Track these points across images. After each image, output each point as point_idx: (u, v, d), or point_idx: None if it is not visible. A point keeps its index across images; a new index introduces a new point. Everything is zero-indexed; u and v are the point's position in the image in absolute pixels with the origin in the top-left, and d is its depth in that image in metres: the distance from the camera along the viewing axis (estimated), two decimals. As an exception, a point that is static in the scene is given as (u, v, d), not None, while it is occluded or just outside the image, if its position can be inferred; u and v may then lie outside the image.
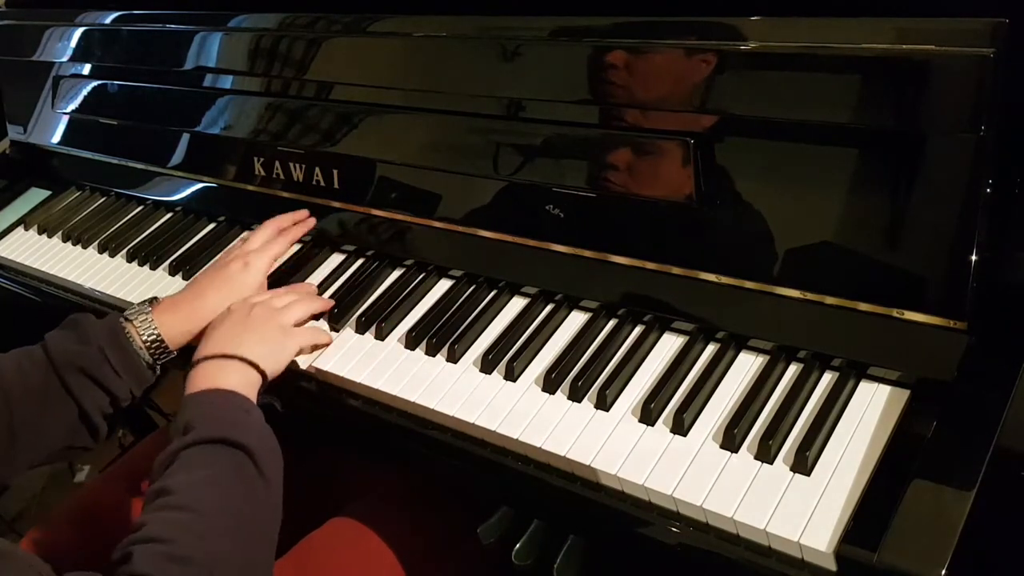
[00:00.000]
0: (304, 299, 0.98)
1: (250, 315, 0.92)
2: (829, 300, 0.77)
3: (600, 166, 0.88)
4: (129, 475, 1.11)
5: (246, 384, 0.84)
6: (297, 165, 1.13)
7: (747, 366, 0.82)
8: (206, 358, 0.86)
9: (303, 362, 0.95)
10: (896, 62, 0.71)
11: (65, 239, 1.34)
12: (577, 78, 0.88)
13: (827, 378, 0.78)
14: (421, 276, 1.03)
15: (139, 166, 1.36)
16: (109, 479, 1.12)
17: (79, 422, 0.88)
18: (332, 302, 1.01)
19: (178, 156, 1.30)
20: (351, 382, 0.92)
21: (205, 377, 0.84)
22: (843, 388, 0.76)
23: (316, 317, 1.00)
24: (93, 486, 1.12)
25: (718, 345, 0.84)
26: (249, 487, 0.75)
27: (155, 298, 0.97)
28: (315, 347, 0.96)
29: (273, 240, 1.06)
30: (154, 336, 0.91)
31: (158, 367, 0.93)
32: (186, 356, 1.03)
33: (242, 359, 0.86)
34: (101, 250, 1.29)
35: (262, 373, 0.86)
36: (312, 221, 1.12)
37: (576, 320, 0.92)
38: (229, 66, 1.20)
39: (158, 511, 0.70)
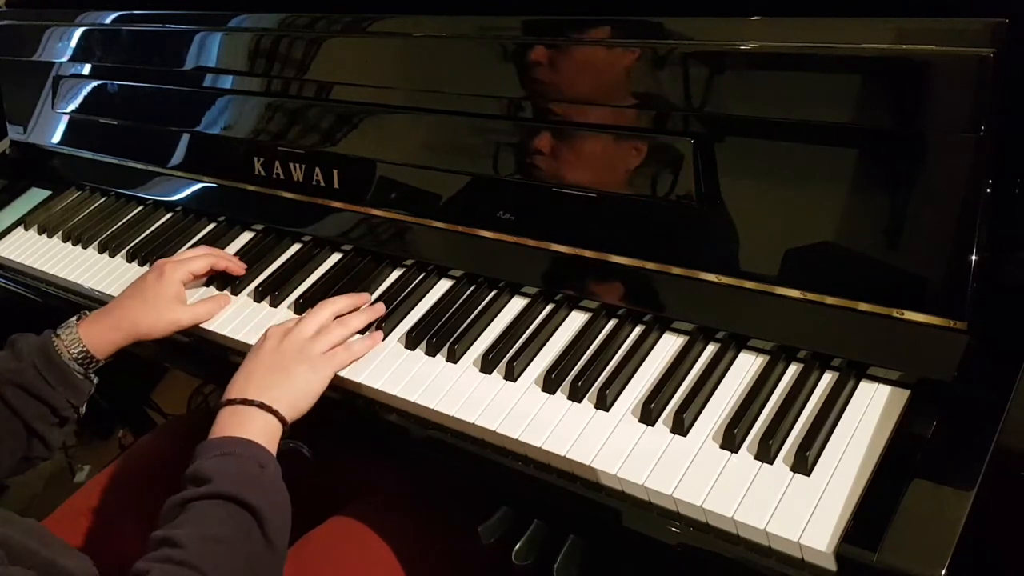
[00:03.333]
0: (341, 320, 0.95)
1: (279, 350, 0.90)
2: (829, 300, 0.77)
3: (600, 166, 0.88)
4: (129, 475, 1.11)
5: (267, 433, 0.84)
6: (297, 165, 1.13)
7: (747, 366, 0.82)
8: (231, 402, 0.86)
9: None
10: (896, 62, 0.71)
11: (65, 239, 1.34)
12: (577, 78, 0.88)
13: (827, 378, 0.78)
14: (421, 276, 1.03)
15: (139, 166, 1.36)
16: (109, 479, 1.12)
17: (27, 435, 0.93)
18: (380, 311, 0.98)
19: (178, 156, 1.30)
20: (351, 382, 0.92)
21: (228, 423, 0.84)
22: (843, 388, 0.76)
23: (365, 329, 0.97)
24: (93, 486, 1.12)
25: (718, 345, 0.84)
26: (254, 551, 0.75)
27: (84, 312, 1.00)
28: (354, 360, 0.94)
29: (193, 257, 1.07)
30: (80, 348, 0.96)
31: (92, 376, 0.98)
32: (182, 356, 1.03)
33: (263, 406, 0.85)
34: (101, 250, 1.29)
35: (283, 419, 0.86)
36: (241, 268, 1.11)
37: (576, 320, 0.92)
38: (229, 66, 1.20)
39: (163, 563, 0.70)
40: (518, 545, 0.86)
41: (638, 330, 0.88)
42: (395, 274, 1.05)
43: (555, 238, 0.93)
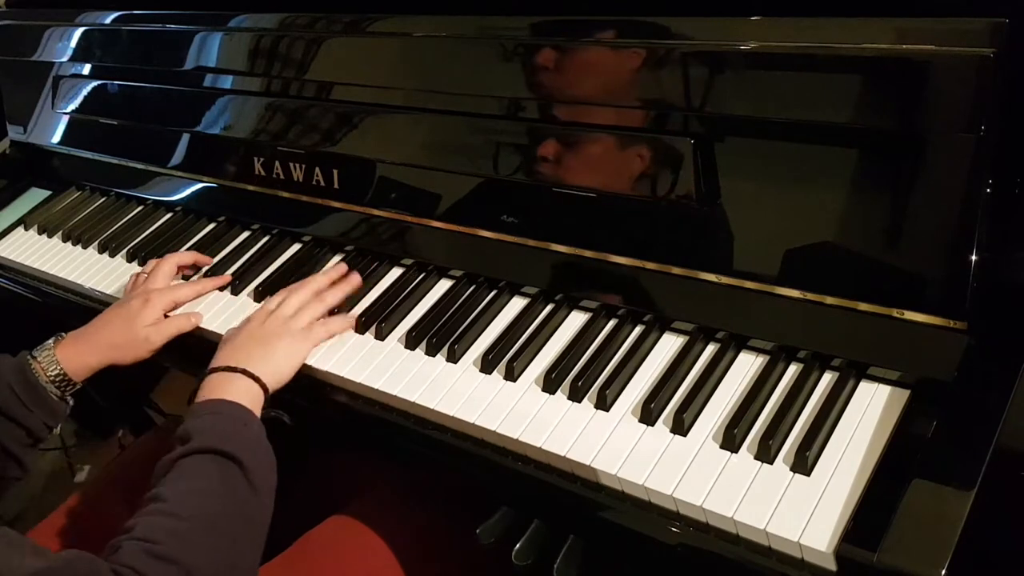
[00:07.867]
0: (318, 298, 1.00)
1: (263, 327, 0.95)
2: (829, 300, 0.77)
3: (600, 166, 0.88)
4: (128, 474, 1.11)
5: (250, 397, 0.87)
6: (297, 165, 1.13)
7: (747, 366, 0.82)
8: (215, 370, 0.90)
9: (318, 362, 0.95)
10: (896, 62, 0.71)
11: (65, 239, 1.34)
12: (577, 78, 0.88)
13: (827, 378, 0.78)
14: (421, 276, 1.03)
15: (139, 166, 1.36)
16: (109, 479, 1.12)
17: (2, 456, 0.94)
18: (356, 282, 1.03)
19: (178, 156, 1.30)
20: (351, 382, 0.92)
21: (212, 389, 0.88)
22: (843, 388, 0.76)
23: (337, 309, 1.01)
24: (93, 486, 1.12)
25: (718, 345, 0.84)
26: (237, 497, 0.78)
27: (61, 334, 1.00)
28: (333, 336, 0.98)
29: (181, 285, 1.07)
30: (57, 371, 0.96)
31: (69, 398, 0.98)
32: (182, 356, 1.03)
33: (247, 373, 0.89)
34: (101, 250, 1.29)
35: (265, 387, 0.89)
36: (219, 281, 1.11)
37: (576, 320, 0.92)
38: (229, 66, 1.20)
39: (148, 516, 0.74)
40: (518, 545, 0.86)
41: (638, 330, 0.88)
42: (395, 274, 1.05)
43: (555, 238, 0.93)
